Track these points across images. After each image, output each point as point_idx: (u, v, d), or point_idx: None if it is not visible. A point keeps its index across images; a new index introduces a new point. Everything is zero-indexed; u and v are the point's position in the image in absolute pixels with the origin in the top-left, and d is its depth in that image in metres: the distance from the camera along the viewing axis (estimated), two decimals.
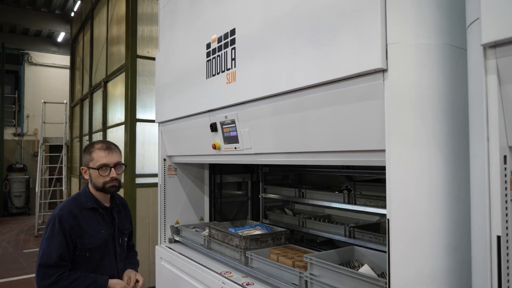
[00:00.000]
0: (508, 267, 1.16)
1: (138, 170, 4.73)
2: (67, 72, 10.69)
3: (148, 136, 4.81)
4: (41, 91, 12.05)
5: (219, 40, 2.64)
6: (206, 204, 3.94)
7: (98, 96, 6.33)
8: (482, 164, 1.22)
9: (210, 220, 3.90)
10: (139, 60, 4.75)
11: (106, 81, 5.75)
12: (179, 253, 3.24)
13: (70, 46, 9.19)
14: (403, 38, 1.49)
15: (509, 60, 1.16)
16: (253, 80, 2.27)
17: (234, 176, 4.18)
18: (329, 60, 1.72)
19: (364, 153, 1.64)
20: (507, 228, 1.19)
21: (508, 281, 1.15)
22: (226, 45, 2.56)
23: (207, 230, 3.07)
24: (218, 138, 2.78)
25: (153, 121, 4.49)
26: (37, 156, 11.43)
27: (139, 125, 4.75)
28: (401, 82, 1.48)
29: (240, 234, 2.65)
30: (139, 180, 4.71)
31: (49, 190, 9.23)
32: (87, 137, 6.99)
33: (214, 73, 2.69)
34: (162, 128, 3.70)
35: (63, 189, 8.65)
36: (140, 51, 4.77)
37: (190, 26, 3.14)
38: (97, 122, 6.30)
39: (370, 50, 1.52)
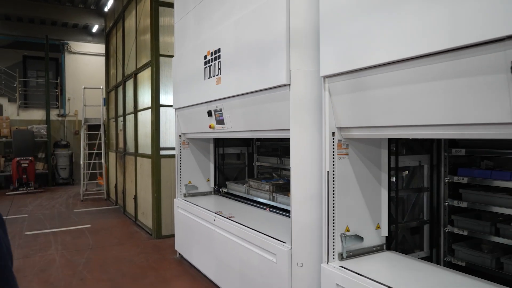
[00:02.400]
0: (332, 185, 2.38)
1: (162, 144, 6.07)
2: (101, 59, 12.11)
3: (169, 118, 6.09)
4: (79, 76, 13.61)
5: (212, 54, 3.86)
6: (211, 169, 5.25)
7: (129, 85, 7.67)
8: (324, 135, 2.44)
9: (215, 181, 5.23)
10: (161, 58, 6.01)
11: (136, 73, 7.06)
12: (191, 202, 4.61)
13: (105, 39, 10.56)
14: (298, 66, 2.68)
15: (334, 84, 2.35)
16: (230, 83, 3.51)
17: (234, 148, 5.48)
18: (263, 75, 2.93)
19: (277, 131, 2.88)
20: (333, 167, 2.40)
21: (334, 194, 2.37)
22: (215, 58, 3.79)
23: (247, 183, 4.62)
24: (212, 121, 4.04)
25: (166, 105, 5.80)
26: (78, 134, 13.12)
27: (162, 109, 6.06)
28: (298, 92, 2.68)
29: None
30: (162, 152, 6.05)
31: (91, 163, 10.83)
32: (121, 118, 8.40)
33: (209, 76, 3.94)
34: (177, 112, 5.00)
35: (102, 161, 10.21)
36: (162, 51, 6.02)
37: (195, 40, 4.36)
38: (129, 106, 7.66)
39: (282, 72, 2.72)
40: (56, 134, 13.39)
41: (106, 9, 10.60)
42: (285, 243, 2.81)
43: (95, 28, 13.27)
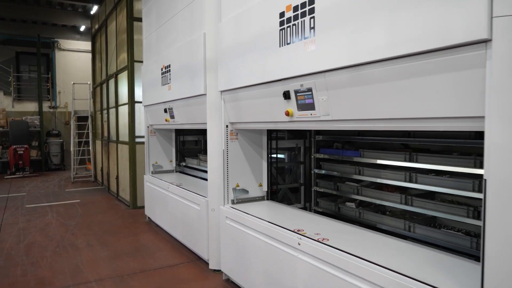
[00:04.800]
0: (226, 159, 3.88)
1: (137, 133, 7.51)
2: (89, 55, 13.43)
3: (143, 112, 7.51)
4: (69, 71, 14.91)
5: (165, 67, 5.30)
6: (173, 152, 6.71)
7: (111, 83, 9.05)
8: (223, 127, 3.92)
9: (176, 161, 6.71)
10: (136, 64, 7.41)
11: (116, 74, 8.45)
12: (156, 177, 6.08)
13: (91, 40, 11.89)
14: (210, 83, 4.14)
15: (225, 96, 3.83)
16: (176, 90, 4.96)
17: (193, 136, 6.95)
18: (193, 87, 4.40)
19: (202, 124, 4.37)
20: (227, 147, 3.90)
21: (227, 164, 3.85)
22: (167, 71, 5.23)
23: (198, 158, 5.90)
24: (167, 116, 5.49)
25: (140, 102, 7.14)
26: (69, 124, 14.47)
27: (137, 105, 7.48)
28: (210, 99, 4.15)
29: None
30: (138, 140, 7.49)
31: (80, 150, 12.25)
32: (105, 111, 9.80)
33: (164, 84, 5.38)
34: (145, 108, 6.45)
35: (90, 148, 11.64)
36: (137, 57, 7.42)
37: (156, 55, 5.78)
38: (112, 101, 9.06)
39: (201, 86, 4.19)
40: (48, 124, 14.72)
41: (92, 12, 11.91)
42: (205, 197, 4.32)
43: (82, 28, 14.53)
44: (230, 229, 3.74)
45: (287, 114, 2.93)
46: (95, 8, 11.11)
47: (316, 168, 4.41)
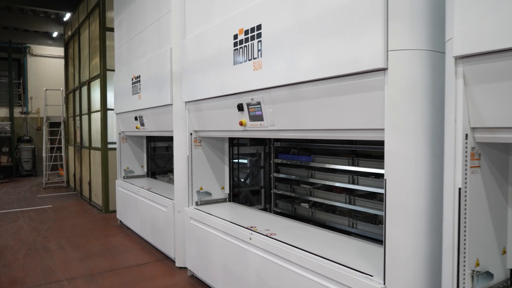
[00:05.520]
0: (190, 164, 4.22)
1: (109, 139, 7.74)
2: (61, 61, 13.49)
3: (113, 118, 7.75)
4: (41, 76, 14.89)
5: (136, 78, 5.60)
6: (145, 159, 7.00)
7: (84, 90, 9.23)
8: (186, 134, 4.27)
9: (147, 167, 6.98)
10: (109, 72, 7.65)
11: (89, 81, 8.65)
12: (127, 182, 6.34)
13: (64, 47, 11.99)
14: (176, 94, 4.49)
15: (189, 107, 4.20)
16: (145, 99, 5.27)
17: (164, 142, 7.24)
18: (161, 97, 4.73)
19: (169, 131, 4.70)
20: (191, 153, 4.25)
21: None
22: (137, 81, 5.53)
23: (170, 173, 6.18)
24: (138, 123, 5.78)
25: (113, 109, 7.38)
26: (40, 130, 14.43)
27: (109, 112, 7.72)
28: (176, 108, 4.49)
29: None
30: (110, 146, 7.71)
31: (52, 155, 12.27)
32: (78, 117, 9.95)
33: (134, 93, 5.68)
34: (117, 116, 6.71)
35: (63, 154, 11.71)
36: (109, 66, 7.66)
37: (127, 66, 6.08)
38: (84, 108, 9.24)
39: (168, 96, 4.52)
40: (19, 130, 14.63)
41: (65, 19, 12.03)
42: (172, 199, 4.64)
43: (55, 34, 14.56)
44: (194, 229, 4.08)
45: (241, 124, 3.32)
46: (68, 15, 11.26)
47: (275, 172, 4.81)
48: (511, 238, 2.07)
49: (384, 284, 2.10)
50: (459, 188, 1.77)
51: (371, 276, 2.20)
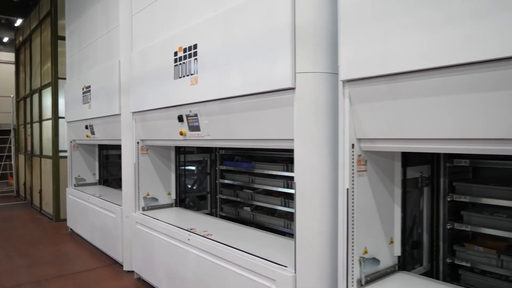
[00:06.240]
0: (138, 172, 4.43)
1: (61, 148, 7.73)
2: (11, 67, 13.15)
3: (65, 126, 7.75)
4: None
5: (86, 88, 5.73)
6: (97, 166, 7.07)
7: (35, 98, 9.13)
8: (133, 143, 4.49)
9: (99, 175, 7.06)
10: (61, 81, 7.67)
11: (41, 89, 8.59)
12: (78, 190, 6.41)
13: (15, 53, 11.74)
14: (124, 104, 4.69)
15: (135, 117, 4.41)
16: (95, 109, 5.41)
17: (116, 150, 7.33)
18: (110, 107, 4.91)
19: (118, 140, 4.88)
20: (138, 161, 4.47)
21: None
22: (88, 91, 5.67)
23: None
24: (88, 132, 5.90)
25: (64, 117, 7.37)
26: None
27: (61, 120, 7.72)
28: (124, 118, 4.69)
29: None
30: (61, 154, 7.70)
31: (1, 164, 11.91)
32: (29, 125, 9.79)
33: (84, 102, 5.80)
34: (68, 124, 6.77)
35: (12, 163, 11.41)
36: (61, 74, 7.68)
37: (78, 75, 6.19)
38: (36, 116, 9.13)
39: (116, 106, 4.72)
40: None
41: (16, 25, 11.79)
42: (120, 205, 4.81)
43: (6, 39, 14.18)
44: (140, 233, 4.29)
45: (181, 134, 3.59)
46: (19, 21, 11.07)
47: (220, 178, 5.11)
48: (397, 230, 2.47)
49: (295, 272, 2.44)
50: (347, 189, 2.15)
51: (286, 266, 2.54)
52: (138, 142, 4.47)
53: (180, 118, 3.57)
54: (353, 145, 2.16)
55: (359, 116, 2.12)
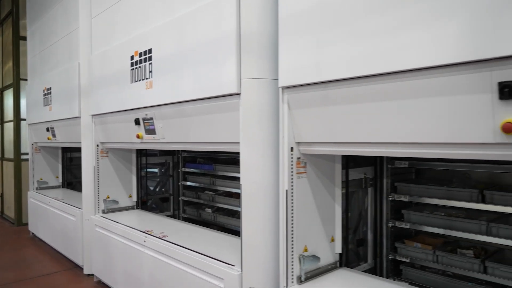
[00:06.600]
0: (97, 174, 4.43)
1: (23, 150, 7.57)
2: None
3: (25, 129, 7.59)
4: None
5: (47, 89, 5.66)
6: (60, 169, 6.97)
7: None
8: (93, 146, 4.48)
9: (63, 178, 6.96)
10: (23, 82, 7.51)
11: (2, 90, 8.39)
12: (40, 193, 6.31)
13: None
14: (84, 107, 4.67)
15: (94, 120, 4.41)
16: (56, 111, 5.36)
17: (79, 153, 7.23)
18: (70, 109, 4.88)
19: (78, 143, 4.86)
20: (98, 164, 4.46)
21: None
22: (49, 93, 5.60)
23: None
24: (49, 134, 5.82)
25: (25, 119, 7.20)
26: None
27: (23, 122, 7.56)
28: (83, 121, 4.67)
29: None
30: (23, 157, 7.54)
31: None
32: None
33: (45, 104, 5.72)
34: (30, 126, 6.65)
35: None
36: (23, 75, 7.52)
37: (39, 77, 6.09)
38: None
39: (76, 109, 4.70)
40: None
41: None
42: (81, 208, 4.79)
43: None
44: (99, 236, 4.29)
45: (138, 136, 3.63)
46: None
47: (183, 180, 5.15)
48: (338, 229, 2.61)
49: (241, 271, 2.53)
50: (286, 190, 2.26)
51: (234, 265, 2.63)
52: (97, 145, 4.47)
53: (137, 121, 3.62)
54: (292, 148, 2.27)
55: (297, 121, 2.24)
